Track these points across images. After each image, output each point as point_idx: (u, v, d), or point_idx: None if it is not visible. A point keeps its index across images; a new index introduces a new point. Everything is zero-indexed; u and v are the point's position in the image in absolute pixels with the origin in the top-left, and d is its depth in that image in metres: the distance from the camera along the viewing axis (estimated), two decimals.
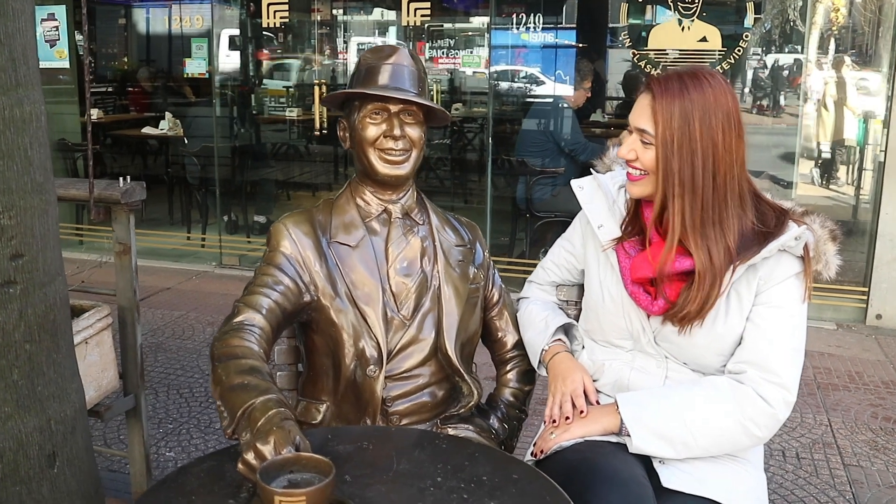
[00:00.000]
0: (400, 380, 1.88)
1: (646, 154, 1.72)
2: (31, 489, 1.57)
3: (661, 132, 1.69)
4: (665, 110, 1.68)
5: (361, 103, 1.88)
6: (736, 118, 1.70)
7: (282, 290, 1.81)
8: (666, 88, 1.70)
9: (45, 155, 1.59)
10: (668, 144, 1.68)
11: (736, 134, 1.70)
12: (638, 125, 1.73)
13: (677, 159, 1.68)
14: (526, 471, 1.46)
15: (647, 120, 1.71)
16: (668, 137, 1.68)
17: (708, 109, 1.68)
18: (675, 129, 1.67)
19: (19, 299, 1.53)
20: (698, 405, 1.73)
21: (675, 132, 1.67)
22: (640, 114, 1.73)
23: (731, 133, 1.69)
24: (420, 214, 1.97)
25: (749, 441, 1.74)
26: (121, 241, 2.43)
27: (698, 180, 1.68)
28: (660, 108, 1.69)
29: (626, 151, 1.76)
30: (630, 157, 1.75)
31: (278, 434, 1.34)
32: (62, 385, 1.65)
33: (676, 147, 1.68)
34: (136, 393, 2.51)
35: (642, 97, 1.75)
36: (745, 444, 1.76)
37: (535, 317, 2.04)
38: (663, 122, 1.68)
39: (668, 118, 1.68)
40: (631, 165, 1.77)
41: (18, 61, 1.50)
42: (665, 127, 1.68)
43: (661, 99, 1.69)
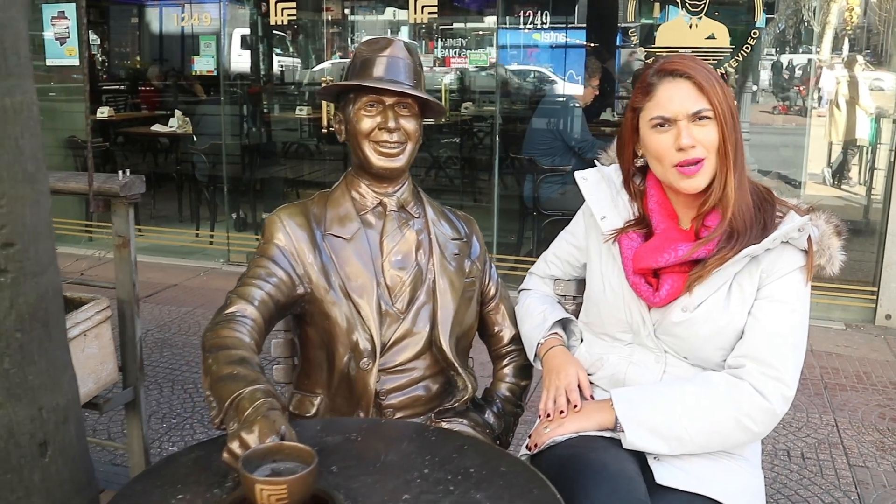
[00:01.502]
0: (394, 373, 1.87)
1: (705, 135, 1.69)
2: (22, 477, 1.57)
3: (718, 106, 1.68)
4: (711, 87, 1.68)
5: (356, 95, 1.88)
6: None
7: (275, 283, 1.81)
8: (696, 69, 1.70)
9: (36, 145, 1.59)
10: (727, 117, 1.69)
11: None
12: (691, 109, 1.68)
13: (735, 131, 1.70)
14: (514, 464, 1.45)
15: (699, 100, 1.68)
16: (725, 110, 1.69)
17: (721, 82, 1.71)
18: (725, 101, 1.69)
19: (10, 288, 1.53)
20: (693, 401, 1.71)
21: (727, 104, 1.69)
22: (686, 97, 1.68)
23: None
24: (416, 207, 1.97)
25: (745, 437, 1.73)
26: (120, 234, 2.43)
27: (740, 149, 1.71)
28: (706, 86, 1.68)
29: (686, 139, 1.68)
30: (691, 143, 1.68)
31: (263, 423, 1.33)
32: (54, 375, 1.64)
33: (732, 119, 1.69)
34: (136, 385, 2.51)
35: (677, 83, 1.70)
36: (741, 440, 1.74)
37: (534, 310, 2.03)
38: (716, 98, 1.68)
39: (716, 93, 1.69)
40: (690, 154, 1.69)
41: (9, 51, 1.50)
42: (719, 102, 1.68)
43: (701, 78, 1.68)
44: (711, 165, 1.70)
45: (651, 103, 1.73)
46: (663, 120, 1.71)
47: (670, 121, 1.70)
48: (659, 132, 1.72)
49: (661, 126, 1.71)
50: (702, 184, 1.71)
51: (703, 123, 1.68)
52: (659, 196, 1.82)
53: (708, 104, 1.68)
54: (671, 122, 1.70)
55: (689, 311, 1.75)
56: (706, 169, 1.70)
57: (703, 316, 1.74)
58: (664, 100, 1.71)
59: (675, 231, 1.79)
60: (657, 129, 1.72)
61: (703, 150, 1.69)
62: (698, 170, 1.69)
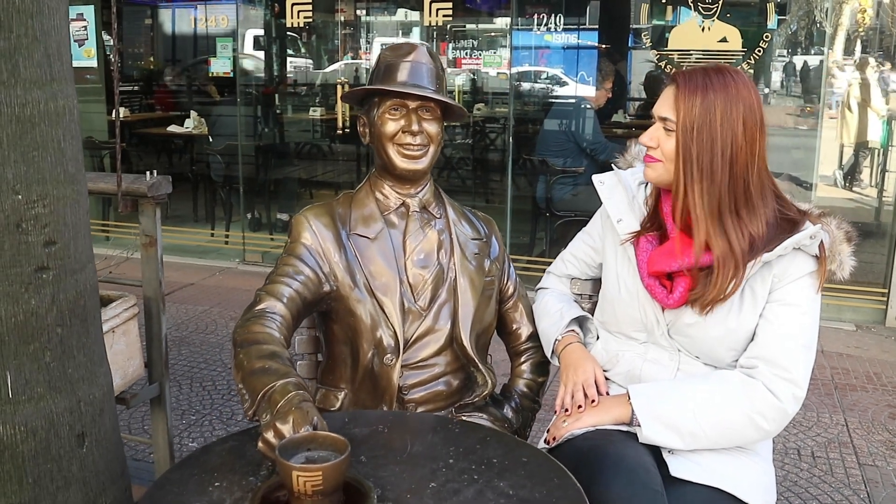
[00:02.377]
0: (416, 369, 1.93)
1: (667, 142, 1.79)
2: (61, 467, 1.64)
3: (682, 119, 1.75)
4: (688, 99, 1.75)
5: (381, 100, 1.94)
6: (758, 113, 1.76)
7: (302, 280, 1.87)
8: (690, 80, 1.77)
9: (76, 147, 1.66)
10: (688, 131, 1.74)
11: (758, 128, 1.76)
12: (661, 114, 1.80)
13: (696, 146, 1.74)
14: (535, 454, 1.51)
15: (670, 108, 1.77)
16: (689, 124, 1.74)
17: (730, 101, 1.74)
18: (696, 116, 1.74)
19: (52, 285, 1.60)
20: (708, 398, 1.77)
21: (695, 119, 1.74)
22: (664, 103, 1.80)
23: (752, 126, 1.75)
24: (437, 208, 2.02)
25: (757, 434, 1.78)
26: (147, 233, 2.50)
27: (716, 168, 1.74)
28: (682, 97, 1.75)
29: (647, 139, 1.83)
30: (651, 143, 1.81)
31: (297, 414, 1.39)
32: (91, 368, 1.71)
33: (696, 134, 1.74)
34: (161, 381, 2.58)
35: (668, 89, 1.82)
36: (753, 438, 1.79)
37: (551, 308, 2.09)
38: (685, 110, 1.75)
39: (689, 106, 1.74)
40: (649, 152, 1.83)
41: (53, 57, 1.57)
42: (686, 114, 1.74)
43: (684, 89, 1.76)
44: (664, 170, 1.81)
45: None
46: (652, 115, 1.85)
47: (653, 117, 1.84)
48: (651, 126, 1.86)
49: (653, 121, 1.85)
50: (651, 176, 1.85)
51: (669, 135, 1.79)
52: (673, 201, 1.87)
53: (673, 115, 1.77)
54: (654, 118, 1.84)
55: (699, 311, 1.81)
56: (658, 169, 1.83)
57: (716, 318, 1.79)
58: (660, 98, 1.84)
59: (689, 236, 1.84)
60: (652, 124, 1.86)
61: (661, 154, 1.81)
62: (650, 161, 1.84)
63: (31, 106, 1.53)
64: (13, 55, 1.49)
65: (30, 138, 1.53)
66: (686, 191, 1.76)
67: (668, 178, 1.81)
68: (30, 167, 1.53)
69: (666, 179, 1.82)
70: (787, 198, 1.85)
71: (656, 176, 1.84)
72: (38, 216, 1.55)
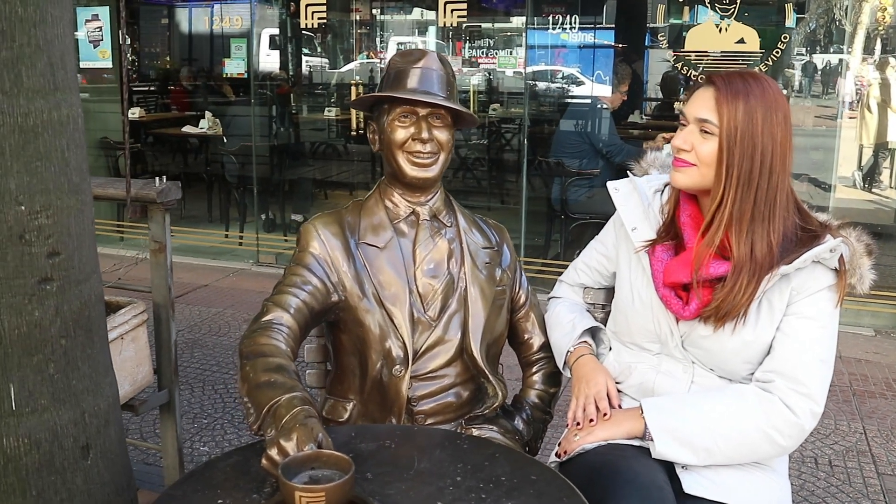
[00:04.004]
0: (425, 380, 1.90)
1: (703, 146, 1.73)
2: (65, 479, 1.62)
3: (725, 123, 1.70)
4: (730, 103, 1.70)
5: (390, 107, 1.91)
6: (790, 123, 1.74)
7: (310, 290, 1.84)
8: (730, 83, 1.72)
9: (81, 157, 1.64)
10: (732, 136, 1.70)
11: (789, 138, 1.74)
12: (699, 115, 1.74)
13: (738, 151, 1.70)
14: (544, 472, 1.48)
15: (711, 110, 1.72)
16: (733, 128, 1.70)
17: (769, 108, 1.71)
18: (740, 121, 1.70)
19: (55, 296, 1.58)
20: (723, 412, 1.73)
21: (739, 124, 1.70)
22: (702, 105, 1.74)
23: (785, 136, 1.73)
24: (448, 216, 1.99)
25: (773, 450, 1.74)
26: (156, 239, 2.48)
27: (755, 175, 1.70)
28: (725, 101, 1.71)
29: (681, 141, 1.77)
30: (685, 147, 1.76)
31: (301, 431, 1.37)
32: (96, 379, 1.70)
33: (739, 139, 1.70)
34: (170, 388, 2.57)
35: (703, 90, 1.76)
36: (768, 453, 1.76)
37: (563, 318, 2.05)
38: (728, 114, 1.70)
39: (733, 110, 1.70)
40: (680, 155, 1.77)
41: (56, 66, 1.55)
42: (730, 118, 1.70)
43: (725, 92, 1.71)
44: (699, 174, 1.76)
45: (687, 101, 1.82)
46: (682, 117, 1.79)
47: (686, 119, 1.78)
48: (679, 128, 1.80)
49: (682, 124, 1.79)
50: (682, 181, 1.78)
51: (705, 137, 1.74)
52: (691, 209, 1.84)
53: (715, 117, 1.72)
54: (686, 121, 1.78)
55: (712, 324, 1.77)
56: (691, 174, 1.77)
57: (731, 330, 1.75)
58: (691, 100, 1.79)
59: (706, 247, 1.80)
60: (679, 126, 1.81)
61: (695, 157, 1.75)
62: (681, 165, 1.77)
63: (34, 115, 1.51)
64: (16, 64, 1.47)
65: (33, 148, 1.51)
66: (724, 196, 1.72)
67: (700, 183, 1.76)
68: (33, 177, 1.52)
69: (699, 184, 1.77)
70: (807, 210, 1.81)
71: (688, 181, 1.78)
72: (41, 227, 1.54)
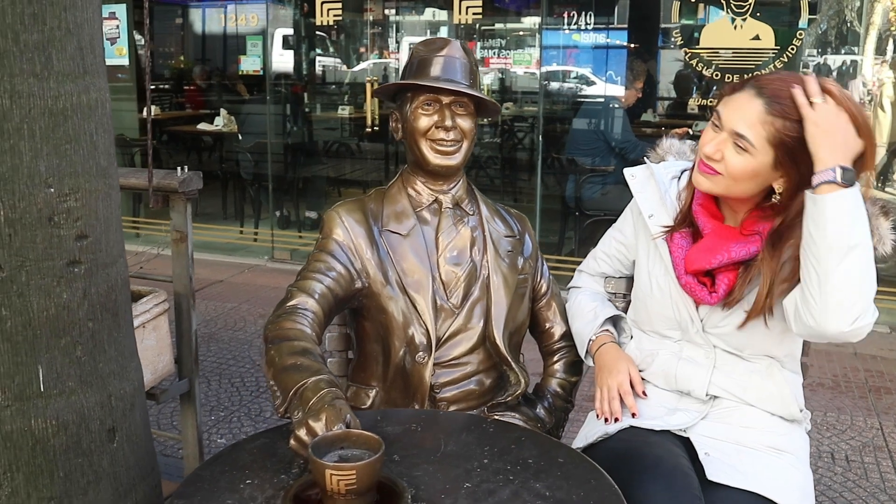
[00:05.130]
0: (448, 367, 1.91)
1: (735, 159, 1.66)
2: (91, 461, 1.63)
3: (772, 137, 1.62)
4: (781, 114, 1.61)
5: (413, 95, 1.91)
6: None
7: (334, 277, 1.85)
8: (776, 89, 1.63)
9: (109, 141, 1.65)
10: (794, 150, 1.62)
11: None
12: (737, 129, 1.65)
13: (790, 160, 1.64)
14: (571, 455, 1.48)
15: (750, 127, 1.63)
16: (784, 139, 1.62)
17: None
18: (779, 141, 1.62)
19: (83, 279, 1.59)
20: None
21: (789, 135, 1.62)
22: (742, 118, 1.64)
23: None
24: (470, 205, 2.00)
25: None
26: (178, 228, 2.50)
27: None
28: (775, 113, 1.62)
29: (712, 150, 1.68)
30: (715, 156, 1.69)
31: (330, 412, 1.37)
32: (122, 363, 1.70)
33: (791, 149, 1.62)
34: (191, 377, 2.58)
35: (747, 98, 1.65)
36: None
37: (584, 307, 2.05)
38: (781, 127, 1.61)
39: (785, 123, 1.61)
40: (709, 162, 1.70)
41: (86, 50, 1.56)
42: (784, 129, 1.62)
43: (770, 108, 1.62)
44: (724, 184, 1.71)
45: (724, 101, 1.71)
46: (717, 119, 1.71)
47: (720, 122, 1.70)
48: (711, 128, 1.72)
49: (715, 125, 1.71)
50: (706, 186, 1.73)
51: (738, 152, 1.67)
52: (702, 197, 1.82)
53: (753, 136, 1.64)
54: (721, 127, 1.69)
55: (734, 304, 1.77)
56: (717, 182, 1.71)
57: (748, 304, 1.75)
58: (731, 104, 1.68)
59: (723, 229, 1.79)
60: (712, 125, 1.73)
61: (724, 169, 1.69)
62: (708, 172, 1.71)
63: (63, 98, 1.52)
64: (46, 48, 1.48)
65: (62, 131, 1.52)
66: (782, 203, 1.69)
67: (725, 192, 1.73)
68: (62, 160, 1.53)
69: (723, 192, 1.74)
70: None
71: (713, 187, 1.73)
72: (70, 210, 1.55)
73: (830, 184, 1.55)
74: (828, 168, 1.56)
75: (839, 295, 1.59)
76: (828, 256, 1.57)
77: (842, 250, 1.56)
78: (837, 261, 1.57)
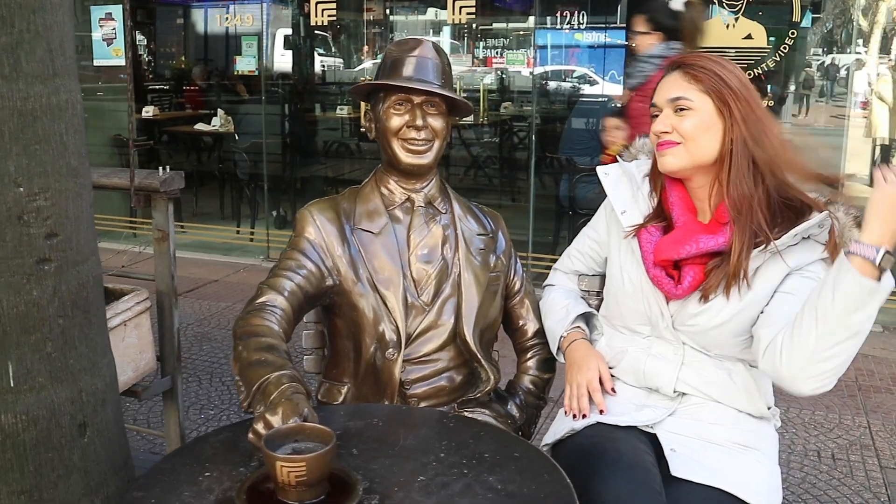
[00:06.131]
0: (419, 363, 1.93)
1: (683, 122, 1.75)
2: (62, 456, 1.66)
3: (708, 85, 1.74)
4: (702, 70, 1.75)
5: (386, 94, 1.94)
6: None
7: (304, 274, 1.88)
8: (689, 58, 1.78)
9: (80, 141, 1.68)
10: (720, 89, 1.73)
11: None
12: (671, 96, 1.77)
13: (731, 97, 1.73)
14: (528, 450, 1.50)
15: (681, 88, 1.76)
16: (718, 84, 1.73)
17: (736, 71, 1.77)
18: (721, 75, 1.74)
19: (53, 276, 1.62)
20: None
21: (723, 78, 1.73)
22: (670, 87, 1.78)
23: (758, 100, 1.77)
24: (443, 203, 2.02)
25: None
26: (160, 228, 2.52)
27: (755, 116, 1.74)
28: (694, 73, 1.75)
29: (660, 126, 1.78)
30: (665, 129, 1.77)
31: (286, 405, 1.40)
32: (94, 359, 1.73)
33: (729, 88, 1.73)
34: (173, 375, 2.61)
35: (666, 78, 1.81)
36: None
37: (557, 304, 2.08)
38: (706, 79, 1.74)
39: (708, 74, 1.74)
40: (663, 138, 1.79)
41: (56, 52, 1.59)
42: (709, 79, 1.74)
43: (690, 70, 1.76)
44: (685, 151, 1.77)
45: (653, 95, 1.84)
46: (654, 108, 1.82)
47: (657, 108, 1.81)
48: (652, 120, 1.82)
49: (654, 116, 1.82)
50: (671, 163, 1.79)
51: (682, 114, 1.76)
52: (679, 190, 1.85)
53: (688, 93, 1.75)
54: (658, 109, 1.81)
55: (705, 301, 1.78)
56: (678, 152, 1.77)
57: (720, 305, 1.77)
58: (657, 89, 1.82)
59: (695, 224, 1.82)
60: (652, 119, 1.82)
61: (679, 136, 1.77)
62: (667, 147, 1.78)
63: (33, 100, 1.55)
64: (15, 50, 1.51)
65: (31, 132, 1.55)
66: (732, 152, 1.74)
67: (689, 161, 1.77)
68: (31, 160, 1.56)
69: (687, 162, 1.77)
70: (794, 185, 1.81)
71: (677, 161, 1.78)
72: (39, 209, 1.58)
73: (867, 262, 1.52)
74: (873, 245, 1.53)
75: (824, 366, 1.63)
76: (834, 325, 1.57)
77: (847, 329, 1.58)
78: (841, 338, 1.59)
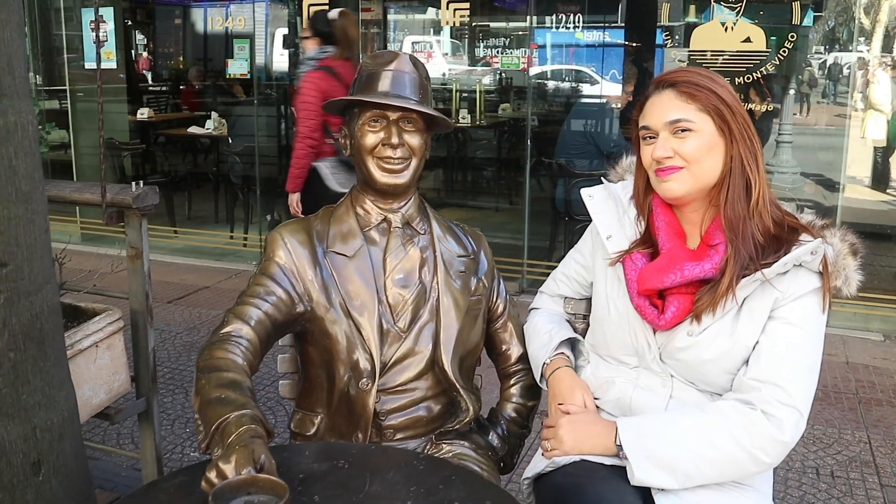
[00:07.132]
0: (394, 393, 1.84)
1: (684, 144, 1.66)
2: (14, 497, 1.58)
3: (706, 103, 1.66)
4: (698, 90, 1.66)
5: (361, 110, 1.85)
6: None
7: (273, 301, 1.79)
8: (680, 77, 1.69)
9: (32, 165, 1.59)
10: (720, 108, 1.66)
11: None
12: (668, 118, 1.67)
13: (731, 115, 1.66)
14: (500, 496, 1.41)
15: (679, 109, 1.66)
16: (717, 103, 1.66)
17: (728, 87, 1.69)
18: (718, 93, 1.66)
19: (3, 308, 1.54)
20: (704, 433, 1.63)
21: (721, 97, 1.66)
22: (665, 108, 1.68)
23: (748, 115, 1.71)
24: (421, 224, 1.93)
25: (756, 469, 1.65)
26: (133, 245, 2.44)
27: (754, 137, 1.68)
28: (692, 89, 1.66)
29: (662, 151, 1.67)
30: (667, 154, 1.67)
31: (241, 453, 1.31)
32: (49, 393, 1.65)
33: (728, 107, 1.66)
34: (148, 396, 2.52)
35: (657, 97, 1.70)
36: (752, 472, 1.67)
37: (540, 329, 1.99)
38: (704, 98, 1.66)
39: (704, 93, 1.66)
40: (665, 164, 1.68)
41: (3, 72, 1.50)
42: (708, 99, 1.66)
43: (683, 88, 1.67)
44: (689, 175, 1.68)
45: (642, 114, 1.73)
46: (647, 131, 1.71)
47: (652, 131, 1.70)
48: (646, 144, 1.72)
49: (648, 138, 1.72)
50: (675, 189, 1.69)
51: (683, 136, 1.67)
52: (666, 214, 1.77)
53: (687, 115, 1.66)
54: (653, 132, 1.70)
55: (694, 335, 1.69)
56: (682, 177, 1.68)
57: (709, 340, 1.68)
58: (648, 110, 1.71)
59: (682, 250, 1.73)
60: (645, 141, 1.73)
61: (682, 160, 1.67)
62: (670, 172, 1.68)
63: None
64: None
65: None
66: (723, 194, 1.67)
67: (694, 186, 1.68)
68: None
69: (692, 187, 1.68)
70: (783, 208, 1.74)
71: (681, 186, 1.68)
72: None
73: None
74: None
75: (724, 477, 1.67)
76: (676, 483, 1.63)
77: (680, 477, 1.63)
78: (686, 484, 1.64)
